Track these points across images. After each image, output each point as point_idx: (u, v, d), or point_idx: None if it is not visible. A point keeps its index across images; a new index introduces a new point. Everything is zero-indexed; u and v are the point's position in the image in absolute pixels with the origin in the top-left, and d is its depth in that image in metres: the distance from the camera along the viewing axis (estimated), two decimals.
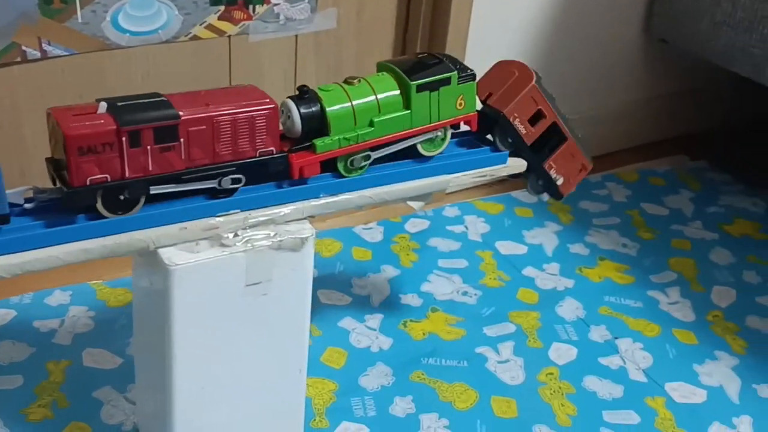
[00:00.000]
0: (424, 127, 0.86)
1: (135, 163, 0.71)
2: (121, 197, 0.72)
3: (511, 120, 0.93)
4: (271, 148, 0.78)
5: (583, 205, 1.56)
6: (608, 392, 1.10)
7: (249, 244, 0.77)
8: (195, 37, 1.21)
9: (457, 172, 0.89)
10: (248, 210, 0.79)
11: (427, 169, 0.87)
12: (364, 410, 1.03)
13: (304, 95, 0.80)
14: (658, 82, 1.78)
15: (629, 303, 1.28)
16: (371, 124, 0.82)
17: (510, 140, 0.95)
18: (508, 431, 1.02)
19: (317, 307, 1.20)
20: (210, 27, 1.21)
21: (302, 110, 0.80)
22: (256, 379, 0.86)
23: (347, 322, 1.18)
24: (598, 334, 1.21)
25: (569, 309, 1.26)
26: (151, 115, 0.71)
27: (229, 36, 1.24)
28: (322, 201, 0.82)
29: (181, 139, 0.73)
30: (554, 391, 1.09)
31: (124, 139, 0.69)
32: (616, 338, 1.20)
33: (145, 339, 0.88)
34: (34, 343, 1.07)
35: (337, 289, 1.25)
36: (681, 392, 1.11)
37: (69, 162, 0.68)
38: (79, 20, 1.11)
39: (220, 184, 0.77)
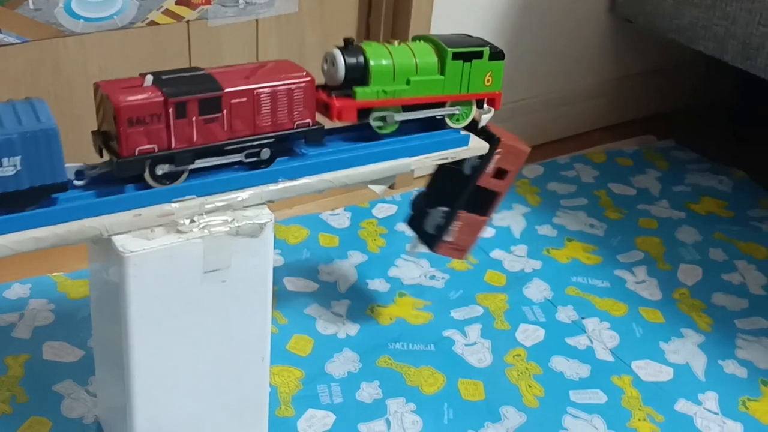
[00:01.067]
0: (454, 95, 0.91)
1: (181, 133, 0.74)
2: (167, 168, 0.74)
3: (494, 152, 0.97)
4: (308, 120, 0.81)
5: (551, 187, 1.55)
6: (575, 372, 1.10)
7: (206, 231, 0.76)
8: (152, 23, 1.19)
9: (419, 154, 0.88)
10: (205, 195, 0.77)
11: (387, 152, 0.86)
12: (330, 397, 1.02)
13: (349, 45, 0.85)
14: (624, 63, 1.78)
15: (596, 283, 1.29)
16: (408, 82, 0.87)
17: (473, 167, 0.98)
18: (475, 413, 1.02)
19: (283, 295, 1.19)
20: (167, 12, 1.19)
21: (347, 59, 0.84)
22: (217, 369, 0.85)
23: (313, 309, 1.17)
24: (565, 314, 1.21)
25: (537, 290, 1.26)
26: (196, 88, 0.73)
27: (188, 21, 1.21)
28: (281, 185, 0.81)
29: (224, 111, 0.75)
30: (521, 373, 1.09)
31: (171, 110, 0.72)
32: (583, 318, 1.21)
33: (103, 330, 0.86)
34: None
35: (304, 277, 1.24)
36: (647, 370, 1.12)
37: (119, 133, 0.70)
38: (31, 6, 1.08)
39: (259, 156, 0.79)
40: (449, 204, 1.02)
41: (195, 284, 0.78)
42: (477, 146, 0.92)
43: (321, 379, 1.04)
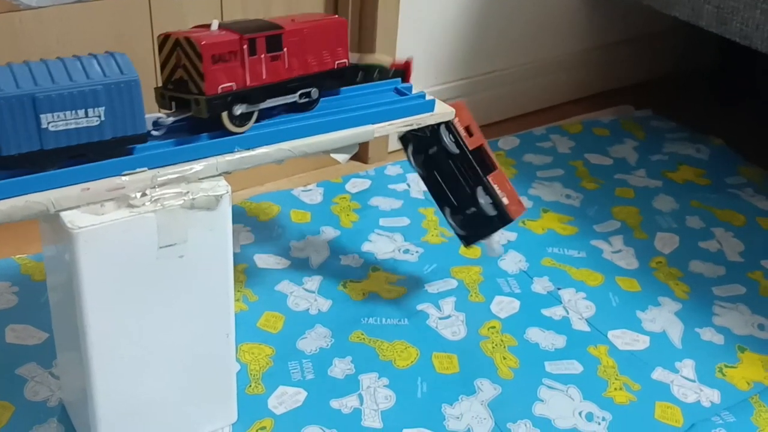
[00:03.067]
0: None
1: (253, 71, 0.78)
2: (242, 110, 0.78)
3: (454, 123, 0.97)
4: (345, 60, 0.87)
5: (527, 158, 1.53)
6: (551, 343, 1.09)
7: (158, 204, 0.73)
8: None
9: (382, 121, 0.86)
10: (156, 167, 0.74)
11: (349, 119, 0.84)
12: (302, 374, 1.00)
13: None
14: (601, 32, 1.76)
15: (572, 253, 1.27)
16: None
17: (454, 142, 0.98)
18: (450, 387, 1.00)
19: (253, 272, 1.17)
20: None
21: None
22: (180, 347, 0.82)
23: (285, 286, 1.15)
24: (540, 285, 1.19)
25: (512, 262, 1.24)
26: (262, 26, 0.79)
27: None
28: (237, 156, 0.78)
29: (285, 49, 0.80)
30: (496, 345, 1.08)
31: (245, 47, 0.77)
32: (558, 289, 1.19)
33: (61, 312, 0.84)
34: None
35: (275, 253, 1.21)
36: (624, 339, 1.10)
37: (204, 71, 0.74)
38: None
39: (309, 95, 0.84)
40: (469, 182, 1.01)
41: (150, 260, 0.75)
42: (443, 111, 0.90)
43: (292, 356, 1.02)
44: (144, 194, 0.73)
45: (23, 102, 0.66)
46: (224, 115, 0.77)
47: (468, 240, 1.05)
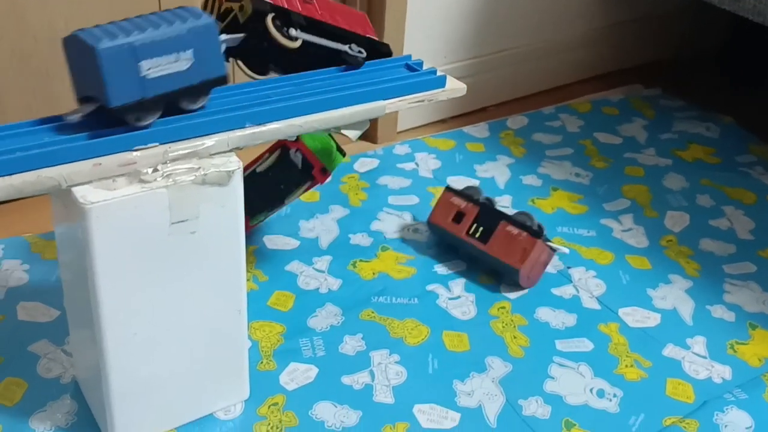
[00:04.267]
0: None
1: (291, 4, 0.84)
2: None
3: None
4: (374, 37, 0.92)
5: (536, 137, 1.53)
6: (561, 321, 1.08)
7: (170, 179, 0.73)
8: None
9: (393, 97, 0.85)
10: (168, 143, 0.74)
11: (361, 94, 0.83)
12: (313, 351, 1.00)
13: None
14: (610, 11, 1.74)
15: (582, 232, 1.27)
16: None
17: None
18: (460, 364, 1.00)
19: (263, 253, 1.17)
20: None
21: None
22: (193, 323, 0.83)
23: (295, 266, 1.15)
24: (550, 264, 1.19)
25: None
26: None
27: None
28: (248, 131, 0.78)
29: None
30: (506, 324, 1.07)
31: None
32: (569, 268, 1.19)
33: (73, 289, 0.84)
34: None
35: (284, 234, 1.21)
36: (635, 317, 1.10)
37: None
38: None
39: (351, 48, 0.87)
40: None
41: (162, 236, 0.75)
42: (454, 87, 0.89)
43: (303, 334, 1.02)
44: (156, 170, 0.73)
45: (123, 51, 0.68)
46: (269, 20, 0.81)
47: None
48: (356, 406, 0.93)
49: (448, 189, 1.19)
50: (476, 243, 1.12)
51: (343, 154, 1.06)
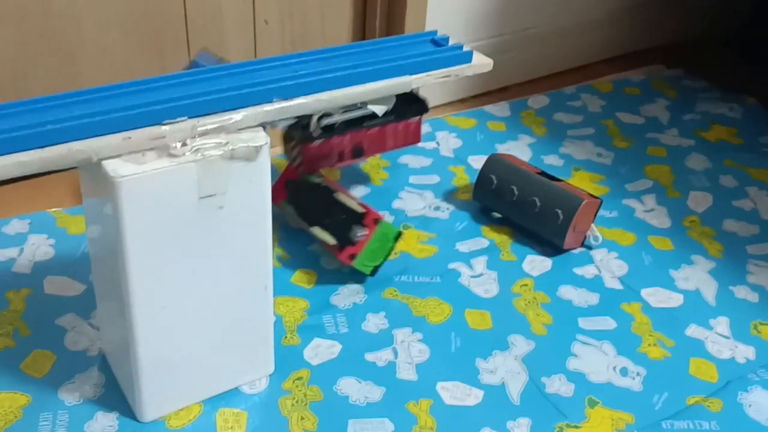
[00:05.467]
0: None
1: None
2: None
3: None
4: None
5: (557, 117, 1.52)
6: (584, 300, 1.08)
7: (199, 154, 0.73)
8: None
9: (419, 72, 0.85)
10: (196, 117, 0.74)
11: (387, 69, 0.83)
12: (336, 327, 1.01)
13: None
14: None
15: (604, 213, 1.26)
16: None
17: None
18: (483, 342, 1.00)
19: (285, 231, 1.17)
20: None
21: None
22: (220, 298, 0.83)
23: (317, 246, 1.15)
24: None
25: None
26: None
27: None
28: (276, 106, 0.78)
29: None
30: (529, 302, 1.07)
31: None
32: (590, 248, 1.18)
33: (101, 264, 0.85)
34: None
35: None
36: (657, 297, 1.10)
37: None
38: None
39: None
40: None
41: (191, 211, 0.76)
42: (480, 63, 0.89)
43: (326, 310, 1.03)
44: (184, 144, 0.73)
45: None
46: None
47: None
48: (380, 382, 0.93)
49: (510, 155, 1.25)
50: (542, 176, 1.16)
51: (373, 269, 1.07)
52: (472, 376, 0.95)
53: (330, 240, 1.06)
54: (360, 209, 1.07)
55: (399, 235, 1.07)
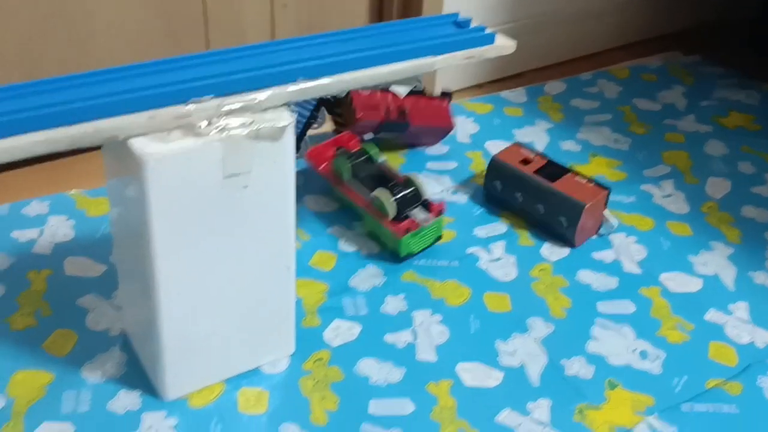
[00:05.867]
0: None
1: None
2: None
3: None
4: None
5: (574, 103, 1.51)
6: (602, 284, 1.08)
7: (224, 133, 0.73)
8: None
9: (444, 53, 0.85)
10: (221, 96, 0.74)
11: (410, 50, 0.83)
12: (355, 309, 1.01)
13: None
14: None
15: (622, 198, 1.26)
16: None
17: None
18: (502, 324, 1.01)
19: (304, 214, 1.17)
20: None
21: None
22: (243, 278, 0.83)
23: (335, 229, 1.15)
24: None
25: None
26: None
27: None
28: (300, 86, 0.78)
29: None
30: (547, 286, 1.08)
31: None
32: (609, 233, 1.18)
33: (124, 242, 0.85)
34: (13, 253, 1.04)
35: (325, 195, 1.22)
36: (676, 282, 1.10)
37: None
38: None
39: None
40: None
41: (215, 190, 0.76)
42: (503, 44, 0.88)
43: (346, 293, 1.03)
44: (210, 123, 0.73)
45: None
46: None
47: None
48: (400, 363, 0.94)
49: (516, 143, 1.24)
50: (543, 180, 1.14)
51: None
52: (492, 358, 0.96)
53: (391, 208, 1.07)
54: (425, 195, 1.11)
55: (440, 237, 1.11)
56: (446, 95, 1.31)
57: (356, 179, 1.15)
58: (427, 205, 1.11)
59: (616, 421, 0.89)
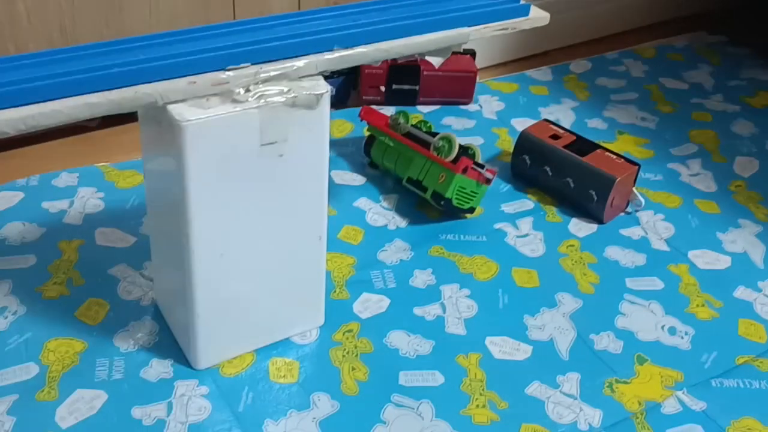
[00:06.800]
0: None
1: None
2: None
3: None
4: None
5: (600, 82, 1.51)
6: (630, 261, 1.08)
7: (262, 100, 0.73)
8: None
9: (478, 24, 0.84)
10: (259, 63, 0.74)
11: (445, 20, 0.83)
12: (384, 282, 1.01)
13: None
14: None
15: (649, 176, 1.25)
16: None
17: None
18: (531, 299, 1.01)
19: (331, 187, 1.17)
20: None
21: None
22: (276, 247, 0.84)
23: (362, 203, 1.15)
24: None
25: None
26: None
27: None
28: (336, 54, 0.77)
29: None
30: (576, 262, 1.07)
31: None
32: (636, 211, 1.18)
33: (159, 211, 0.85)
34: (44, 224, 1.04)
35: (350, 170, 1.22)
36: (705, 259, 1.09)
37: None
38: None
39: None
40: None
41: (252, 158, 0.76)
42: (537, 16, 0.88)
43: (374, 266, 1.03)
44: (247, 90, 0.74)
45: None
46: None
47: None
48: (429, 336, 0.94)
49: (545, 119, 1.24)
50: (573, 154, 1.14)
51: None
52: (521, 332, 0.96)
53: (456, 148, 1.10)
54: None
55: (473, 210, 1.13)
56: (468, 52, 1.33)
57: (412, 134, 1.17)
58: (478, 170, 1.12)
59: (645, 395, 0.89)
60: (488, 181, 1.11)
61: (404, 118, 1.17)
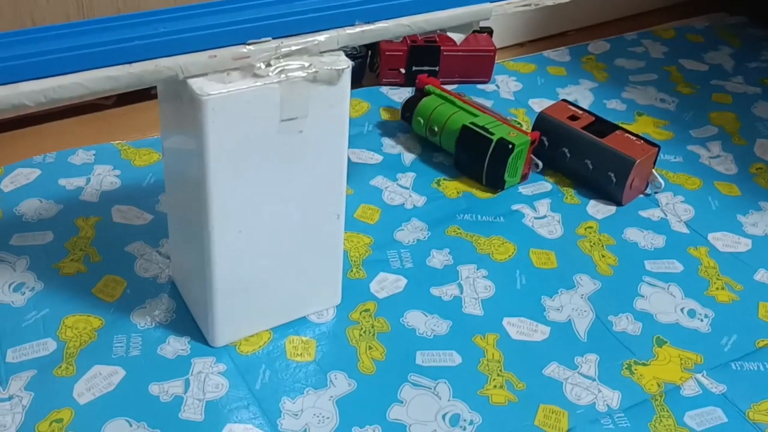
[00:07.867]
0: None
1: None
2: None
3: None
4: None
5: (619, 63, 1.49)
6: (650, 243, 1.07)
7: (283, 75, 0.73)
8: None
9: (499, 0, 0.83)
10: (280, 38, 0.73)
11: None
12: (401, 262, 1.01)
13: None
14: None
15: (669, 158, 1.24)
16: None
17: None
18: (548, 280, 1.00)
19: (347, 165, 1.16)
20: None
21: None
22: (294, 224, 0.83)
23: (379, 181, 1.15)
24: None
25: None
26: None
27: None
28: (357, 29, 0.76)
29: None
30: (594, 243, 1.06)
31: None
32: (655, 192, 1.16)
33: (178, 187, 0.85)
34: (61, 201, 1.04)
35: (367, 149, 1.21)
36: (725, 242, 1.08)
37: None
38: None
39: None
40: None
41: (272, 134, 0.75)
42: None
43: (390, 246, 1.03)
44: (268, 64, 0.73)
45: None
46: None
47: None
48: (446, 316, 0.94)
49: (564, 100, 1.23)
50: (592, 135, 1.13)
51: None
52: (539, 313, 0.95)
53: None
54: None
55: (502, 186, 1.15)
56: (485, 30, 1.35)
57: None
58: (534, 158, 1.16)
59: (664, 377, 0.88)
60: (528, 174, 1.15)
61: None
